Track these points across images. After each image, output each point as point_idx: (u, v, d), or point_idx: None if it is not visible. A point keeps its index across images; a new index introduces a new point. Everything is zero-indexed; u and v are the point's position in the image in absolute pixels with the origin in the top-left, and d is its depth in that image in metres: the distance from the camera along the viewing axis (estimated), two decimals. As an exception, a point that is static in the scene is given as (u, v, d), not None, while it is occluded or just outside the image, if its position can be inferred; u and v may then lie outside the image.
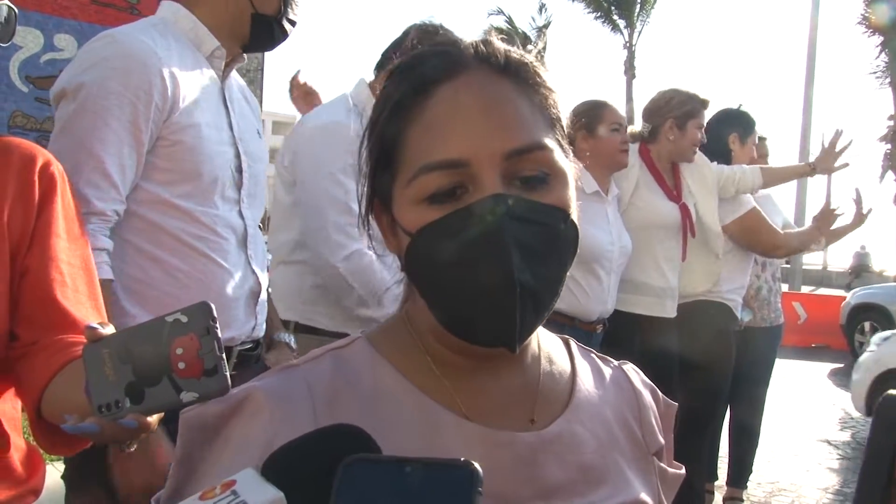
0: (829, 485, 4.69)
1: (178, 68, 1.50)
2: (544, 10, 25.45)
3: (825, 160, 3.38)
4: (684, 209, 3.10)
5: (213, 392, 0.70)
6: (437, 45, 0.74)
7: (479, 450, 0.70)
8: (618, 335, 2.90)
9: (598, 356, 0.88)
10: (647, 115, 3.16)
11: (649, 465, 0.82)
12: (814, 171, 3.46)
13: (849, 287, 16.22)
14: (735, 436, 3.86)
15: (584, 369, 0.83)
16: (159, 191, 1.49)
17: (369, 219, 0.78)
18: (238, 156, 1.62)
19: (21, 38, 4.33)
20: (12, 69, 4.31)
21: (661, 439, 0.85)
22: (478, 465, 0.51)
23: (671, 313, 3.08)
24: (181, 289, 1.51)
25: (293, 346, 1.87)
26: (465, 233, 0.67)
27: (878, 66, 17.47)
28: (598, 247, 2.76)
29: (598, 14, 23.81)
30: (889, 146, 17.04)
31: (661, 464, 0.84)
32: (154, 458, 1.29)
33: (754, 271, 3.60)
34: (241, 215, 1.64)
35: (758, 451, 3.93)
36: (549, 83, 0.75)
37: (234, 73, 1.72)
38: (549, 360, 0.81)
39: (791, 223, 3.90)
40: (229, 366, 1.61)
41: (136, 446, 0.93)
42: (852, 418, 6.36)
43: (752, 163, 3.46)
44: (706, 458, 3.51)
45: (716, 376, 3.29)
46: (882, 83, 17.52)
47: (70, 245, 1.11)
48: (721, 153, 3.43)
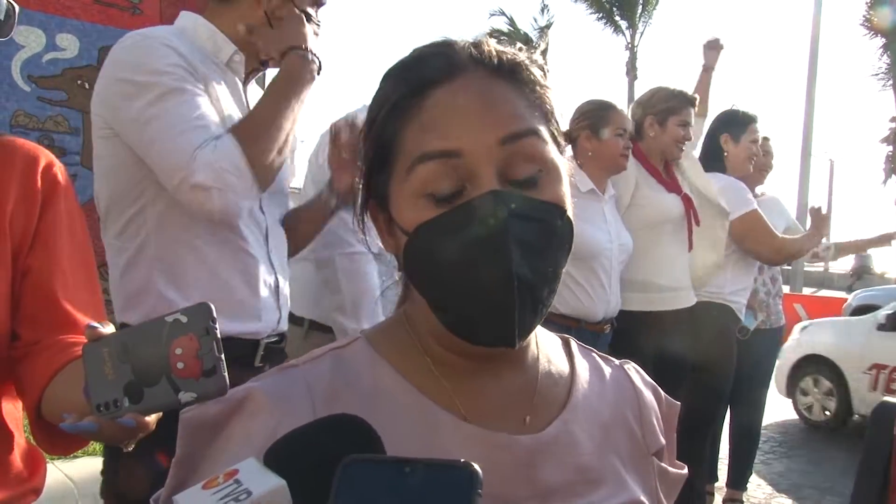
0: (829, 486, 4.69)
1: (203, 71, 1.58)
2: (546, 11, 25.57)
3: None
4: (686, 199, 3.10)
5: (212, 393, 0.70)
6: (433, 48, 0.75)
7: (477, 451, 0.70)
8: (628, 335, 2.89)
9: (599, 355, 0.88)
10: (631, 113, 3.17)
11: (648, 465, 0.82)
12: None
13: (850, 289, 16.19)
14: (735, 437, 3.86)
15: (583, 369, 0.83)
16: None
17: (364, 218, 0.79)
18: None
19: (23, 38, 4.34)
20: (14, 68, 4.32)
21: (662, 439, 0.85)
22: (477, 467, 0.51)
23: (690, 301, 3.07)
24: (214, 276, 1.59)
25: None
26: (464, 229, 0.67)
27: (880, 68, 17.46)
28: (596, 245, 2.75)
29: (600, 15, 23.82)
30: (891, 148, 17.02)
31: (662, 464, 0.84)
32: None
33: (752, 274, 3.60)
34: (262, 210, 1.69)
35: (758, 451, 3.93)
36: (543, 81, 0.75)
37: (253, 82, 1.77)
38: (548, 360, 0.81)
39: (798, 225, 3.90)
40: (257, 359, 1.67)
41: (133, 446, 0.94)
42: (854, 419, 6.36)
43: (750, 159, 3.45)
44: (707, 459, 3.51)
45: (717, 377, 3.29)
46: (884, 85, 17.51)
47: (72, 246, 1.12)
48: (716, 156, 3.45)
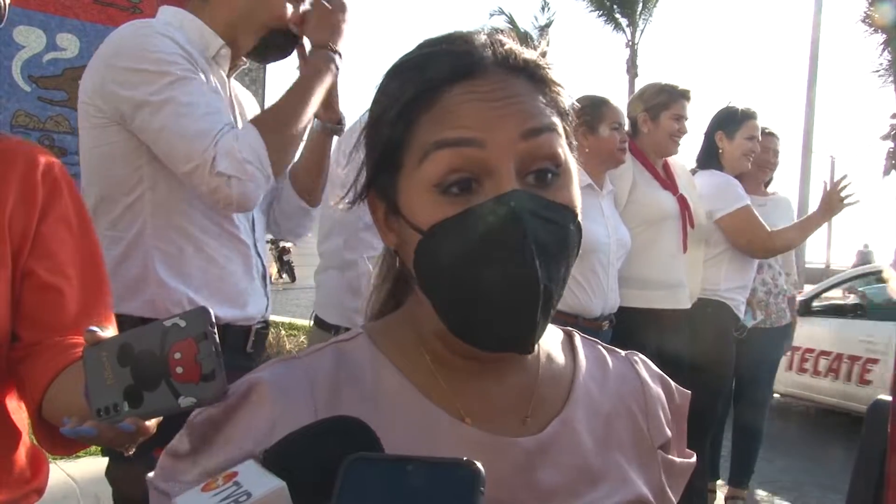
0: (830, 484, 4.69)
1: (201, 63, 1.61)
2: (546, 9, 25.50)
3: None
4: (682, 200, 3.09)
5: (211, 397, 0.70)
6: (449, 45, 0.72)
7: (476, 454, 0.69)
8: (628, 332, 2.88)
9: (604, 347, 0.87)
10: (627, 111, 3.15)
11: (653, 459, 0.81)
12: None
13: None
14: (738, 436, 3.86)
15: (586, 363, 0.83)
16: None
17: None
18: None
19: (24, 38, 4.35)
20: (15, 69, 4.33)
21: (668, 431, 0.84)
22: (480, 465, 0.51)
23: (686, 304, 3.08)
24: (213, 263, 1.64)
25: None
26: (484, 230, 0.65)
27: (880, 64, 17.43)
28: (594, 240, 2.74)
29: (600, 12, 23.77)
30: (892, 145, 17.00)
31: (669, 456, 0.83)
32: None
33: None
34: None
35: (760, 450, 3.93)
36: (558, 80, 0.75)
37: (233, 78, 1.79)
38: (549, 357, 0.81)
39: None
40: (248, 344, 1.71)
41: (133, 450, 0.94)
42: (855, 417, 6.36)
43: (746, 156, 3.43)
44: (707, 456, 3.51)
45: (715, 375, 3.29)
46: (885, 81, 17.47)
47: (75, 246, 1.11)
48: (712, 154, 3.45)
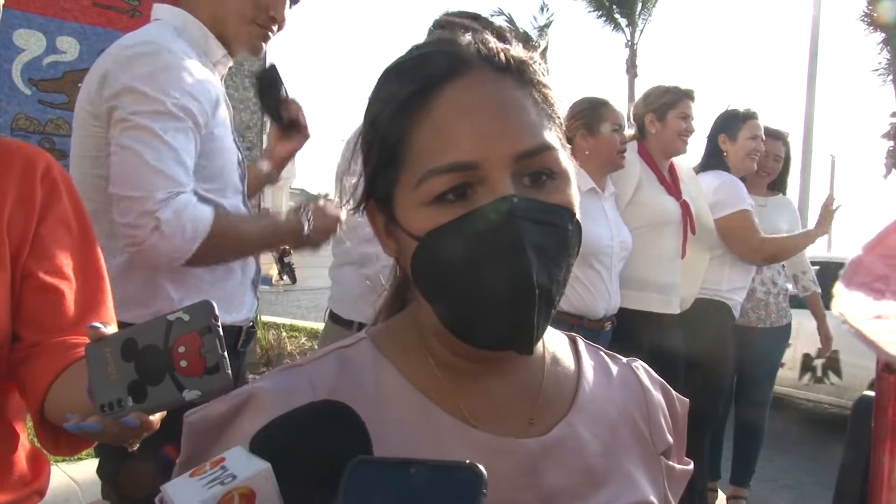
0: (831, 483, 4.68)
1: (207, 74, 1.64)
2: (545, 10, 25.52)
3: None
4: (685, 206, 3.12)
5: (216, 389, 0.70)
6: (438, 45, 0.73)
7: (481, 456, 0.69)
8: (627, 333, 2.91)
9: (606, 353, 0.87)
10: (633, 115, 3.20)
11: (656, 464, 0.81)
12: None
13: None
14: (739, 435, 3.86)
15: (589, 368, 0.83)
16: (196, 185, 1.59)
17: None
18: (239, 150, 1.76)
19: (24, 41, 4.36)
20: (15, 72, 4.34)
21: (670, 438, 0.84)
22: (482, 468, 0.51)
23: (676, 310, 3.10)
24: (212, 273, 1.66)
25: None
26: (480, 235, 0.66)
27: (880, 63, 17.45)
28: (596, 242, 2.76)
29: (599, 13, 23.78)
30: (892, 144, 17.01)
31: (670, 462, 0.83)
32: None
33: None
34: (245, 205, 1.76)
35: (760, 449, 3.92)
36: (547, 80, 0.74)
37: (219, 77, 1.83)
38: (554, 360, 0.80)
39: (796, 230, 3.89)
40: (240, 344, 1.73)
41: (137, 445, 0.94)
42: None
43: (750, 156, 3.45)
44: (707, 455, 3.51)
45: (715, 374, 3.30)
46: (884, 80, 17.49)
47: (74, 247, 1.12)
48: (717, 157, 3.48)
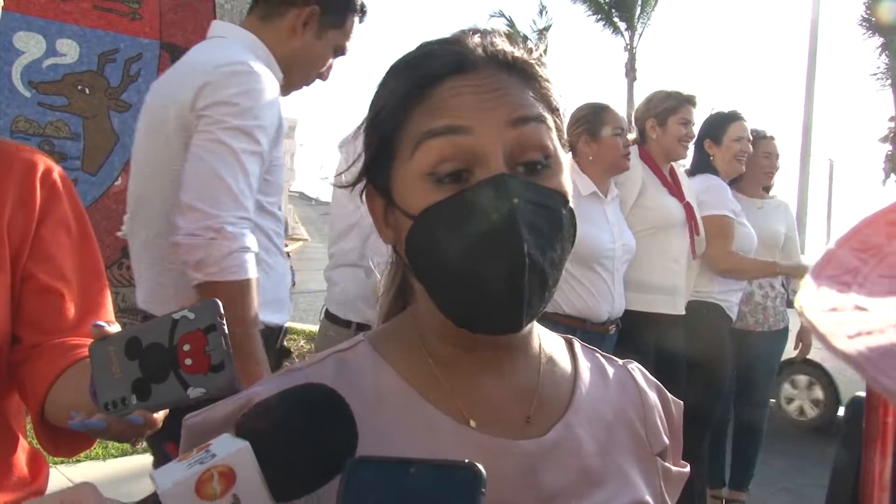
0: (831, 486, 4.68)
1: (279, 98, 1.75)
2: (545, 13, 25.48)
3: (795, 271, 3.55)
4: (688, 207, 3.16)
5: (221, 388, 0.71)
6: (443, 44, 0.75)
7: (479, 457, 0.69)
8: (632, 335, 2.94)
9: (602, 356, 0.88)
10: (634, 119, 3.23)
11: (652, 465, 0.82)
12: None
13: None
14: (738, 439, 3.86)
15: (586, 370, 0.83)
16: (259, 196, 1.68)
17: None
18: None
19: (23, 44, 4.36)
20: (15, 74, 4.34)
21: (666, 439, 0.84)
22: (481, 467, 0.51)
23: (681, 311, 3.13)
24: (268, 279, 1.73)
25: None
26: (474, 212, 0.67)
27: (878, 67, 17.45)
28: (598, 246, 2.79)
29: (598, 16, 23.79)
30: (891, 147, 17.02)
31: (666, 463, 0.84)
32: None
33: None
34: (280, 208, 1.88)
35: (759, 452, 3.93)
36: (549, 77, 0.76)
37: None
38: (551, 361, 0.81)
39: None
40: (279, 344, 1.82)
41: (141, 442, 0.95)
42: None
43: (737, 158, 3.48)
44: (706, 458, 3.51)
45: (713, 375, 3.32)
46: (883, 85, 17.49)
47: (74, 248, 1.12)
48: (702, 161, 3.52)
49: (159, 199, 1.67)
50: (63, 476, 3.01)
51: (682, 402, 0.90)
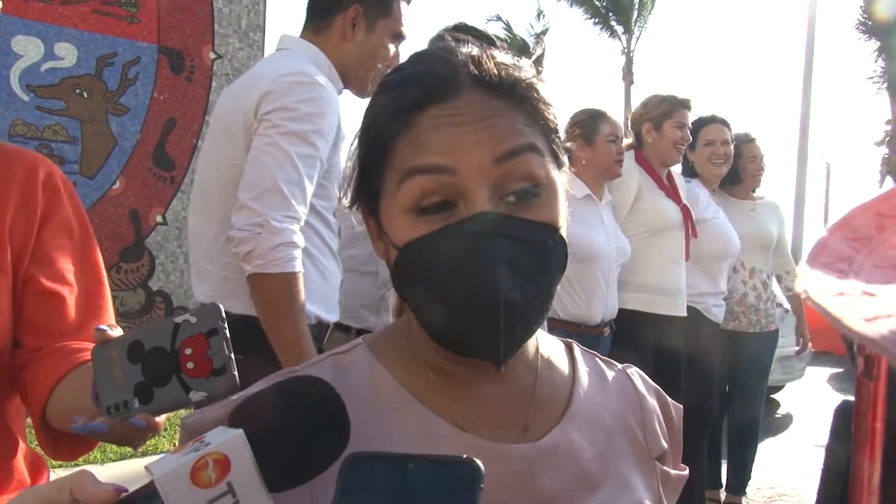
0: (828, 489, 4.68)
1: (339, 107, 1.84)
2: (542, 17, 25.37)
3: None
4: (685, 210, 3.20)
5: (222, 391, 0.71)
6: (430, 64, 0.73)
7: None
8: (631, 334, 2.97)
9: (601, 359, 0.88)
10: (630, 123, 3.25)
11: (651, 469, 0.82)
12: None
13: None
14: (733, 442, 3.87)
15: (585, 374, 0.83)
16: (313, 199, 1.78)
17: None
18: None
19: (22, 48, 4.37)
20: (13, 78, 4.35)
21: (664, 443, 0.84)
22: (480, 462, 0.52)
23: (683, 312, 3.16)
24: (324, 281, 1.85)
25: None
26: (451, 250, 0.67)
27: (875, 71, 17.48)
28: (594, 247, 2.81)
29: (596, 20, 23.79)
30: (887, 151, 17.06)
31: (665, 467, 0.84)
32: None
33: (741, 278, 3.66)
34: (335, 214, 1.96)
35: (757, 456, 3.93)
36: (545, 96, 0.74)
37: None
38: (549, 365, 0.81)
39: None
40: (325, 340, 1.87)
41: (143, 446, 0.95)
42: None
43: (713, 160, 3.49)
44: (705, 460, 3.52)
45: (701, 375, 3.33)
46: (879, 88, 17.52)
47: (76, 252, 1.12)
48: (685, 165, 3.56)
49: (225, 198, 1.79)
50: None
51: (681, 407, 0.90)
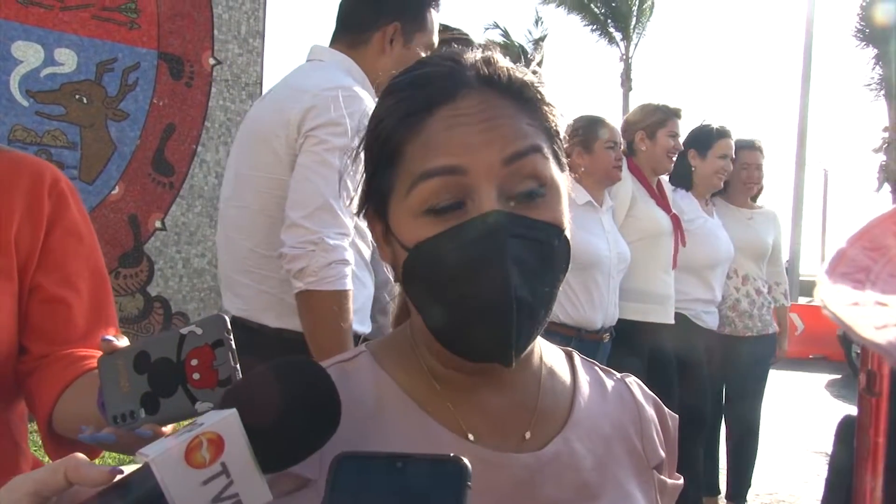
0: (826, 496, 4.68)
1: None
2: (540, 23, 25.44)
3: None
4: (675, 219, 3.27)
5: None
6: (440, 65, 0.75)
7: (478, 471, 0.69)
8: (627, 343, 2.99)
9: (601, 369, 0.88)
10: (622, 132, 3.26)
11: (649, 478, 0.82)
12: None
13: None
14: (732, 449, 3.86)
15: (585, 383, 0.84)
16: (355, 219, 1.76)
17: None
18: None
19: (22, 53, 4.38)
20: (13, 83, 4.35)
21: (662, 453, 0.85)
22: (467, 461, 0.52)
23: (671, 319, 3.20)
24: (359, 293, 1.82)
25: None
26: (463, 248, 0.68)
27: (872, 78, 17.54)
28: (595, 254, 2.84)
29: (594, 27, 23.86)
30: (884, 157, 17.11)
31: (662, 476, 0.84)
32: None
33: (734, 284, 3.67)
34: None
35: (756, 462, 3.93)
36: (550, 100, 0.76)
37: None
38: (551, 374, 0.81)
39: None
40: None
41: None
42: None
43: (720, 174, 3.52)
44: (700, 465, 3.52)
45: (694, 383, 3.34)
46: (877, 95, 17.58)
47: (82, 259, 1.12)
48: (683, 171, 3.54)
49: (265, 212, 1.80)
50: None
51: (677, 416, 0.91)
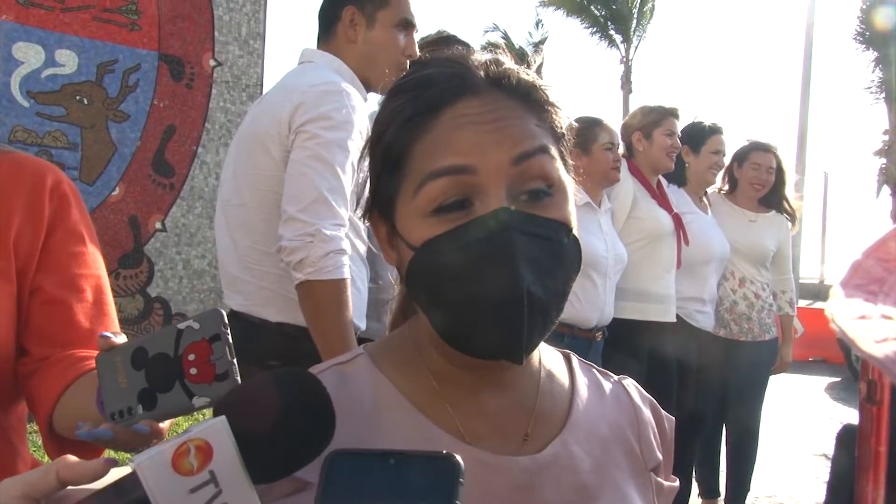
0: (826, 499, 4.67)
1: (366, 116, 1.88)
2: (541, 26, 25.42)
3: None
4: (677, 219, 3.27)
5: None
6: (447, 65, 0.74)
7: (476, 474, 0.69)
8: (629, 343, 3.01)
9: (598, 371, 0.89)
10: (620, 135, 3.28)
11: (647, 480, 0.82)
12: None
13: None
14: (731, 453, 3.86)
15: (583, 386, 0.84)
16: (349, 212, 1.81)
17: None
18: None
19: (22, 54, 4.39)
20: (13, 84, 4.36)
21: (659, 455, 0.85)
22: (459, 458, 0.52)
23: (672, 318, 3.21)
24: (355, 287, 1.85)
25: None
26: (472, 245, 0.67)
27: (872, 81, 17.54)
28: (592, 253, 2.85)
29: (594, 29, 23.84)
30: (884, 161, 17.11)
31: (658, 478, 0.84)
32: None
33: (730, 286, 3.64)
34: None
35: (755, 465, 3.92)
36: (556, 102, 0.76)
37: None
38: (549, 376, 0.81)
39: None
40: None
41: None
42: (849, 432, 6.35)
43: (714, 169, 3.55)
44: (691, 467, 3.53)
45: (691, 384, 3.35)
46: (877, 98, 17.59)
47: (83, 261, 1.12)
48: (676, 168, 3.53)
49: (262, 210, 1.84)
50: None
51: (673, 419, 0.91)
